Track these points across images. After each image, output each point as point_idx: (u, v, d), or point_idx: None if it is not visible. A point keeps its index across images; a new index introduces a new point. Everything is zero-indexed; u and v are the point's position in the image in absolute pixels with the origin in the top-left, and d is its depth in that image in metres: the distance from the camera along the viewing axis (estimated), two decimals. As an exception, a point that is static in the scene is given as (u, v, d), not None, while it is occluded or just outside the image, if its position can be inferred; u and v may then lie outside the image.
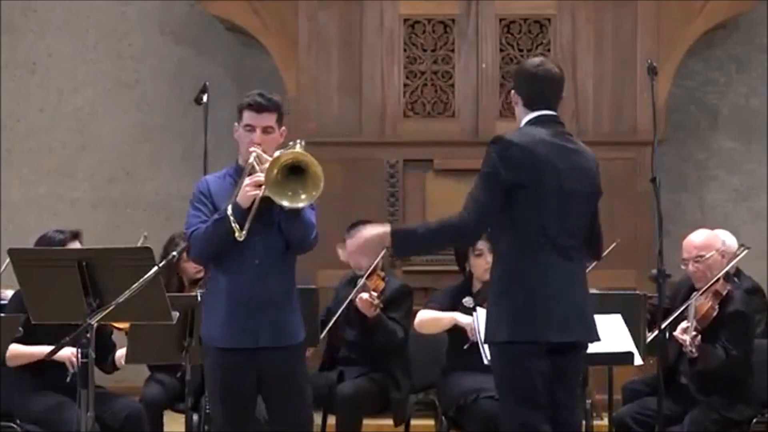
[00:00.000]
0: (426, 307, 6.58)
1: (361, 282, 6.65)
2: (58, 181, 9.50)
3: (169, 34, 9.48)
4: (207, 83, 5.37)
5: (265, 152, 4.97)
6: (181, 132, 9.35)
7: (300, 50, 8.57)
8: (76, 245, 6.12)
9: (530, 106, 4.82)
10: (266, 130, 5.03)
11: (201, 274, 6.72)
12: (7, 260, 4.97)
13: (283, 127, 5.11)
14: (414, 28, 8.61)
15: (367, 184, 8.39)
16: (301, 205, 4.86)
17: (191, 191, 9.30)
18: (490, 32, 8.54)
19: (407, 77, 8.59)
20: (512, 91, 4.90)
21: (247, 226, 4.85)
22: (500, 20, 8.56)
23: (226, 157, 8.71)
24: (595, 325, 4.82)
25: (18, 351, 6.02)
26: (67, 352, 5.68)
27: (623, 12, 8.52)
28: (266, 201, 4.88)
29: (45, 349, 5.89)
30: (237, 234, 4.84)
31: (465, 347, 6.32)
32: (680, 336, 6.04)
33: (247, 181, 4.90)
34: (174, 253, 5.16)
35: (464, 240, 5.02)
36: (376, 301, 6.58)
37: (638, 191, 8.16)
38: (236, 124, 5.10)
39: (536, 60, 4.93)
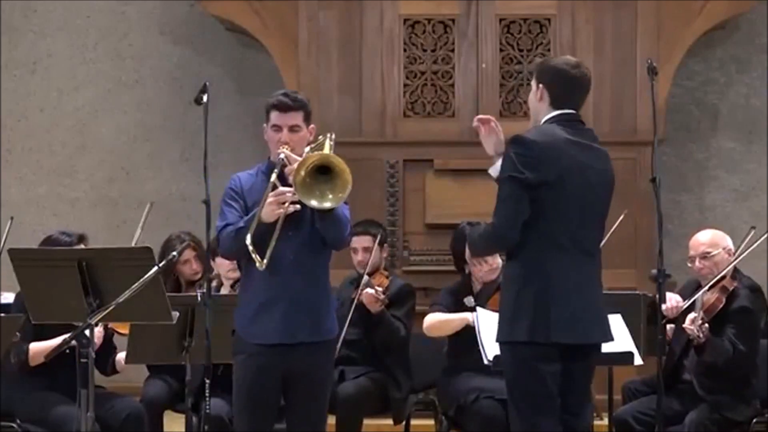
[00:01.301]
0: (432, 310, 6.57)
1: (365, 279, 6.66)
2: (58, 181, 9.50)
3: (169, 34, 9.48)
4: (207, 83, 5.37)
5: (293, 150, 5.00)
6: (181, 132, 9.35)
7: (300, 50, 8.57)
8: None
9: (555, 105, 4.82)
10: (293, 129, 5.06)
11: (198, 276, 6.72)
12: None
13: (312, 125, 5.12)
14: (414, 28, 8.61)
15: (367, 184, 8.38)
16: (327, 205, 4.87)
17: (191, 191, 9.35)
18: (490, 32, 8.54)
19: (407, 77, 8.59)
20: (539, 85, 4.86)
21: (268, 253, 4.86)
22: (500, 20, 8.56)
23: (226, 157, 8.78)
24: (609, 325, 4.83)
25: (38, 348, 5.99)
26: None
27: (623, 12, 8.51)
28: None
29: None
30: (258, 264, 4.86)
31: (476, 383, 6.31)
32: (688, 326, 6.04)
33: (270, 199, 4.90)
34: (174, 253, 5.17)
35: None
36: (382, 297, 6.59)
37: (638, 191, 8.15)
38: (264, 125, 5.12)
39: (572, 60, 4.92)
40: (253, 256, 4.85)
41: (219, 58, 9.44)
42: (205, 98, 5.38)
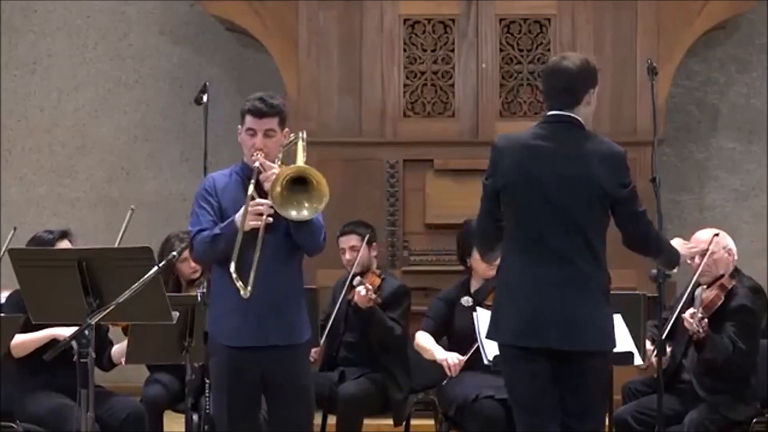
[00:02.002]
0: (422, 325, 6.59)
1: (356, 280, 6.64)
2: (58, 181, 9.50)
3: (169, 34, 9.48)
4: (207, 83, 5.39)
5: (268, 155, 5.02)
6: (181, 132, 9.35)
7: (300, 50, 8.57)
8: (65, 244, 6.13)
9: (547, 106, 4.85)
10: (267, 134, 5.08)
11: (197, 275, 6.72)
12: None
13: (286, 129, 5.14)
14: (414, 28, 8.60)
15: (367, 184, 8.39)
16: (305, 213, 4.89)
17: (191, 191, 9.33)
18: (490, 32, 8.53)
19: (407, 77, 8.58)
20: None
21: (251, 281, 4.86)
22: (500, 20, 8.55)
23: (226, 157, 8.75)
24: (594, 332, 4.73)
25: (21, 339, 5.99)
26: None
27: (623, 12, 8.51)
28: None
29: (47, 333, 5.89)
30: (242, 292, 4.86)
31: (444, 383, 6.35)
32: (687, 318, 6.04)
33: (249, 209, 4.92)
34: (174, 252, 5.17)
35: (479, 246, 5.25)
36: (374, 296, 6.58)
37: (638, 191, 8.11)
38: (239, 126, 5.13)
39: (557, 57, 4.96)
40: (237, 284, 4.87)
41: (219, 58, 9.44)
42: (205, 98, 5.40)
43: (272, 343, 5.01)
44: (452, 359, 6.27)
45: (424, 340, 6.51)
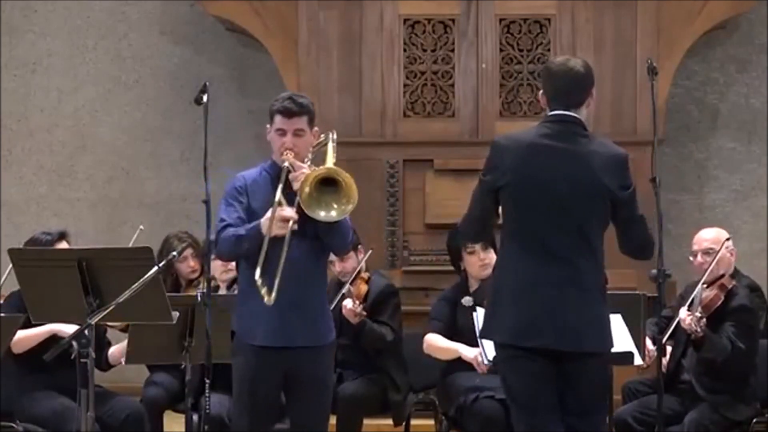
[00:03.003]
0: (430, 328, 6.55)
1: (345, 288, 6.61)
2: (58, 181, 9.50)
3: (169, 34, 9.48)
4: (207, 83, 5.38)
5: (298, 155, 5.04)
6: (181, 132, 9.35)
7: (300, 50, 8.57)
8: (63, 245, 6.13)
9: (550, 106, 4.84)
10: (297, 133, 5.09)
11: (196, 275, 6.73)
12: (10, 267, 4.97)
13: (316, 128, 5.15)
14: (414, 28, 8.60)
15: (367, 184, 8.37)
16: (333, 214, 4.91)
17: (191, 191, 9.35)
18: (490, 32, 8.53)
19: (407, 77, 8.58)
20: (541, 91, 4.90)
21: (276, 288, 4.86)
22: (500, 20, 8.55)
23: (226, 157, 8.77)
24: (592, 333, 4.73)
25: (21, 335, 5.98)
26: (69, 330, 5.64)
27: (623, 12, 8.51)
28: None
29: (47, 328, 5.90)
30: (266, 299, 4.87)
31: (477, 381, 6.29)
32: (685, 318, 6.04)
33: (276, 215, 4.93)
34: (174, 252, 5.18)
35: (462, 239, 5.33)
36: (359, 309, 6.55)
37: (638, 191, 8.11)
38: (268, 126, 5.15)
39: (560, 58, 4.95)
40: (261, 291, 4.87)
41: (219, 58, 9.44)
42: (205, 98, 5.39)
43: (299, 344, 5.02)
44: (481, 358, 6.21)
45: (439, 341, 6.48)
